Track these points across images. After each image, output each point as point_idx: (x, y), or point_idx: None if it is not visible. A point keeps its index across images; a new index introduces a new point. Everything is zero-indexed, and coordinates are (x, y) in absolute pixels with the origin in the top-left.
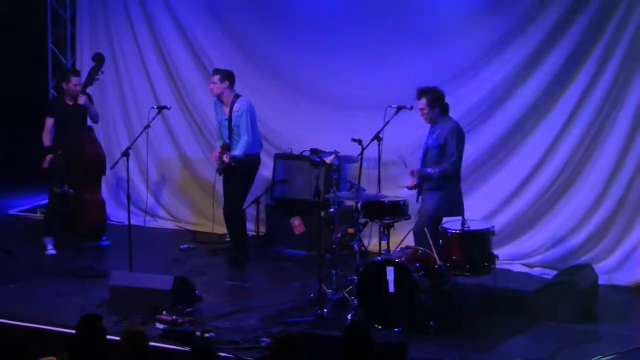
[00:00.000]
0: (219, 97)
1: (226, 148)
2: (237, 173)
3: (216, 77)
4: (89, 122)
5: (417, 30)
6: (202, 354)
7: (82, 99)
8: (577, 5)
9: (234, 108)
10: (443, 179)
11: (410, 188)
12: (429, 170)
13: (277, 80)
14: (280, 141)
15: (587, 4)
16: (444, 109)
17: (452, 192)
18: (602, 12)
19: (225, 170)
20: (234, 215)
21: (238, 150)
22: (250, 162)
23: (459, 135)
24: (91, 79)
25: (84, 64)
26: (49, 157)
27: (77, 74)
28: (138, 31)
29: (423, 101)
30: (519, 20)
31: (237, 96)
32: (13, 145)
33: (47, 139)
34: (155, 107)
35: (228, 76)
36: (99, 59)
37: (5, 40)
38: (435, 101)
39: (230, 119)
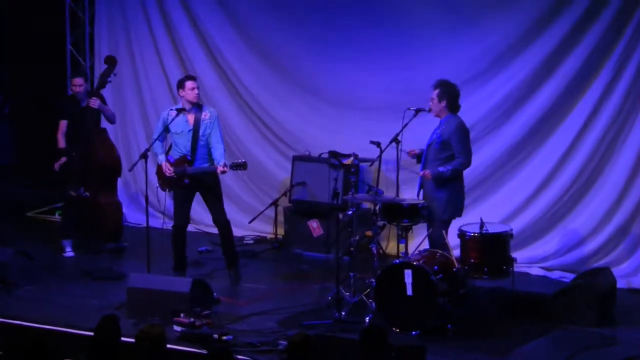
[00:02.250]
0: (193, 104)
1: (189, 162)
2: (213, 184)
3: (196, 83)
4: (106, 124)
5: (434, 33)
6: (220, 357)
7: (95, 103)
8: (594, 10)
9: (204, 116)
10: (453, 176)
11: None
12: (441, 169)
13: (294, 83)
14: (298, 144)
15: (605, 9)
16: (453, 106)
17: (459, 192)
18: (620, 16)
19: (185, 186)
20: (227, 226)
21: (224, 158)
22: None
23: (464, 133)
24: (104, 81)
25: (102, 65)
26: (62, 159)
27: (80, 75)
28: (156, 33)
29: (435, 92)
30: (537, 23)
31: (200, 104)
32: (31, 147)
33: (62, 141)
34: (173, 109)
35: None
36: (111, 62)
37: (25, 42)
38: (444, 94)
39: (196, 128)
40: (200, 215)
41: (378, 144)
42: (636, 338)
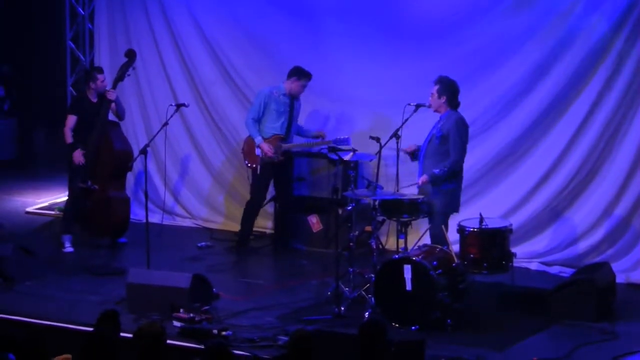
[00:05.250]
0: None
1: (284, 139)
2: (288, 166)
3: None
4: (114, 119)
5: (434, 28)
6: (217, 353)
7: (112, 95)
8: (594, 6)
9: (297, 103)
10: (451, 175)
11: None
12: (436, 171)
13: None
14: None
15: (604, 5)
16: (453, 102)
17: (456, 187)
18: (620, 11)
19: (274, 164)
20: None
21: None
22: None
23: (462, 129)
24: (122, 75)
25: (102, 61)
26: (79, 151)
27: (101, 70)
28: (156, 28)
29: (435, 87)
30: (538, 18)
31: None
32: (30, 143)
33: (69, 137)
34: (173, 104)
35: None
36: (130, 55)
37: (24, 38)
38: (444, 91)
39: (292, 111)
40: (199, 210)
41: (378, 139)
42: (635, 332)
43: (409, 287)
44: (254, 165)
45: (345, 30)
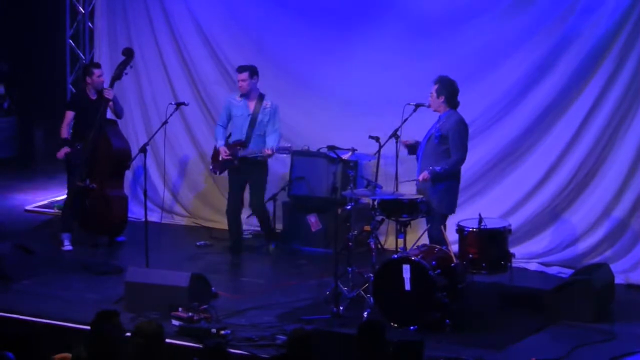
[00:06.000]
0: (246, 94)
1: (243, 145)
2: (260, 172)
3: (245, 74)
4: (112, 117)
5: (434, 28)
6: (215, 352)
7: (110, 93)
8: (596, 5)
9: (265, 104)
10: (450, 174)
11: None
12: (437, 168)
13: (293, 78)
14: (297, 138)
15: (604, 3)
16: (452, 102)
17: (453, 188)
18: (621, 10)
19: (238, 169)
20: (264, 211)
21: (276, 143)
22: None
23: (463, 129)
24: (120, 73)
25: (102, 59)
26: (65, 149)
27: (99, 65)
28: (156, 27)
29: (434, 87)
30: (538, 18)
31: (261, 93)
32: (30, 141)
33: (65, 132)
34: (173, 103)
35: (255, 72)
36: (128, 54)
37: (24, 36)
38: (443, 90)
39: (255, 115)
40: (198, 209)
41: (377, 139)
42: (634, 333)
43: (407, 287)
44: (216, 172)
45: (345, 31)
